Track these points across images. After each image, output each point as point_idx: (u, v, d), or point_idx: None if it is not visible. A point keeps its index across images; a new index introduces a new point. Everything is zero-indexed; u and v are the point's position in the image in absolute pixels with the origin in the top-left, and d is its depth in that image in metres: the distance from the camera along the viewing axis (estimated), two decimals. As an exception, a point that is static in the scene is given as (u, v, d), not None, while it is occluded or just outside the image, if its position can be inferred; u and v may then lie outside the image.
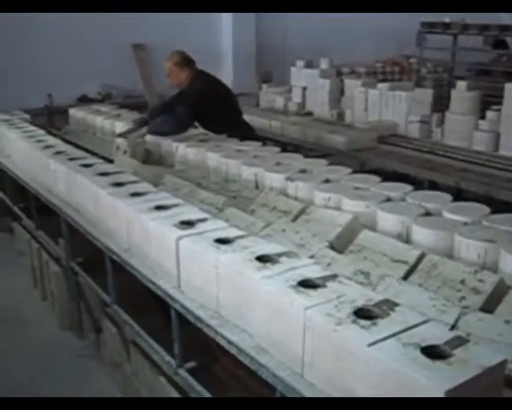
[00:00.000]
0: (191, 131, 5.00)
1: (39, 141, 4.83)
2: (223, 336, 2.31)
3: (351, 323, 1.85)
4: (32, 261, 5.13)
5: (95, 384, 3.92)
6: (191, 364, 2.84)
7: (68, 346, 4.35)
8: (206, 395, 2.64)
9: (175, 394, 2.97)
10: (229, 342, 2.27)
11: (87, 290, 4.22)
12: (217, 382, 2.99)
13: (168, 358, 2.89)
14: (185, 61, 5.24)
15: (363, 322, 1.85)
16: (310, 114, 7.17)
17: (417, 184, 3.56)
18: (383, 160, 5.47)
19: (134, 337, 3.40)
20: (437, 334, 1.82)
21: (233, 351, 2.26)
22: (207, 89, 5.12)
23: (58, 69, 7.88)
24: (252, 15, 9.29)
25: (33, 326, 4.67)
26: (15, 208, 5.49)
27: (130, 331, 3.38)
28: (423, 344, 1.74)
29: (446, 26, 8.69)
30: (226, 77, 9.29)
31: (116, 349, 3.78)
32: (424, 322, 1.89)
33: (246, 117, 6.22)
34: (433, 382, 1.56)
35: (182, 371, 2.80)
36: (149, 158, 4.74)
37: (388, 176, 3.78)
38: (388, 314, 1.91)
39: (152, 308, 3.49)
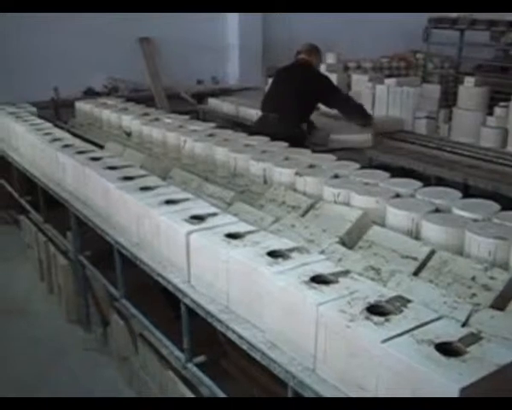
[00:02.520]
0: (199, 125, 5.01)
1: (47, 134, 4.83)
2: (234, 331, 2.31)
3: (364, 319, 1.85)
4: (39, 254, 5.14)
5: (102, 377, 3.93)
6: (200, 358, 2.84)
7: (75, 339, 4.36)
8: (215, 389, 2.64)
9: (183, 388, 2.98)
10: (241, 337, 2.27)
11: (94, 284, 4.23)
12: (225, 376, 3.00)
13: (177, 352, 2.90)
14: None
15: (376, 318, 1.86)
16: (316, 108, 7.13)
17: (424, 180, 3.54)
18: (390, 156, 5.45)
19: (142, 331, 3.41)
20: (450, 331, 1.82)
21: (244, 346, 2.26)
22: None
23: (64, 62, 7.89)
24: (258, 10, 9.29)
25: (40, 319, 4.68)
26: (22, 201, 5.49)
27: (139, 325, 3.39)
28: (437, 341, 1.74)
29: (454, 21, 8.66)
30: (232, 71, 9.33)
31: (124, 343, 3.79)
32: (437, 319, 1.89)
33: (252, 112, 6.24)
34: (449, 379, 1.56)
35: (190, 366, 2.81)
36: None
37: (395, 171, 3.77)
38: (401, 311, 1.91)
39: (159, 303, 3.50)
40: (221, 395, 2.60)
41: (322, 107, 6.25)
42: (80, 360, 4.12)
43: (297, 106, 5.41)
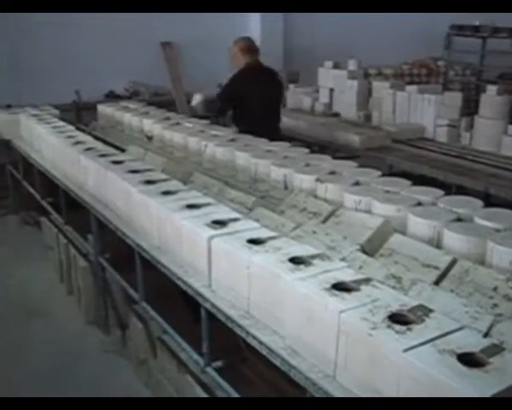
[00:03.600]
0: (220, 130, 5.03)
1: (69, 136, 4.87)
2: (254, 337, 2.31)
3: (386, 328, 1.85)
4: (60, 256, 5.18)
5: (120, 380, 3.95)
6: (219, 363, 2.85)
7: (94, 341, 4.39)
8: (234, 394, 2.65)
9: (201, 392, 2.99)
10: (261, 343, 2.27)
11: (113, 286, 4.26)
12: (244, 381, 3.00)
13: (196, 356, 2.91)
14: (248, 50, 5.59)
15: (398, 327, 1.85)
16: (337, 115, 7.14)
17: (445, 189, 3.53)
18: (411, 163, 5.44)
19: (161, 335, 3.43)
20: (472, 341, 1.81)
21: (264, 352, 2.26)
22: (237, 82, 5.48)
23: (86, 65, 7.96)
24: (279, 15, 9.31)
25: (59, 320, 4.72)
26: (44, 203, 5.53)
27: (158, 328, 3.41)
28: (459, 351, 1.73)
29: (476, 28, 8.62)
30: (253, 76, 9.32)
31: (142, 346, 3.81)
32: (459, 329, 1.88)
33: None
34: (471, 390, 1.55)
35: (209, 370, 2.81)
36: None
37: (416, 179, 3.75)
38: (423, 320, 1.90)
39: (178, 307, 3.52)
40: (240, 400, 2.61)
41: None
42: (98, 362, 4.15)
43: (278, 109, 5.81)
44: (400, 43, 9.72)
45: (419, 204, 3.10)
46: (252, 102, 5.40)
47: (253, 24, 9.29)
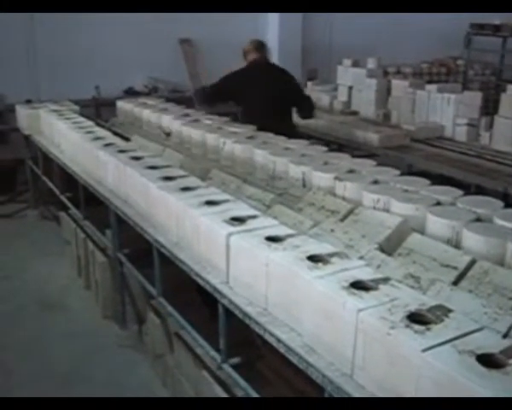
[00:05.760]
0: (238, 127, 5.03)
1: (89, 132, 4.90)
2: (272, 334, 2.31)
3: (404, 327, 1.84)
4: (78, 251, 5.22)
5: (136, 375, 3.97)
6: (235, 359, 2.85)
7: (111, 335, 4.42)
8: (250, 391, 2.65)
9: (218, 388, 3.00)
10: (278, 341, 2.27)
11: (131, 281, 4.28)
12: (261, 378, 3.01)
13: (212, 352, 2.91)
14: (257, 48, 5.68)
15: (416, 327, 1.84)
16: (355, 113, 7.12)
17: (464, 189, 3.51)
18: (430, 162, 5.41)
19: (178, 330, 3.44)
20: (491, 342, 1.80)
21: (281, 349, 2.26)
22: (233, 77, 5.62)
23: (106, 61, 8.01)
24: (298, 14, 9.28)
25: (77, 314, 4.76)
26: (63, 198, 5.57)
27: (175, 324, 3.42)
28: (478, 352, 1.72)
29: (496, 28, 8.56)
30: (271, 74, 9.32)
31: (159, 341, 3.83)
32: (478, 330, 1.87)
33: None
34: (490, 391, 1.54)
35: (226, 367, 2.82)
36: None
37: (434, 179, 3.73)
38: (442, 320, 1.90)
39: (195, 303, 3.53)
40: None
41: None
42: (115, 357, 4.18)
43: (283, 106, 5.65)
44: (420, 41, 9.69)
45: (438, 204, 3.08)
46: (251, 99, 5.43)
47: (271, 23, 9.29)
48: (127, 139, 5.22)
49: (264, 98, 5.38)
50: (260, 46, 5.70)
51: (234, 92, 5.57)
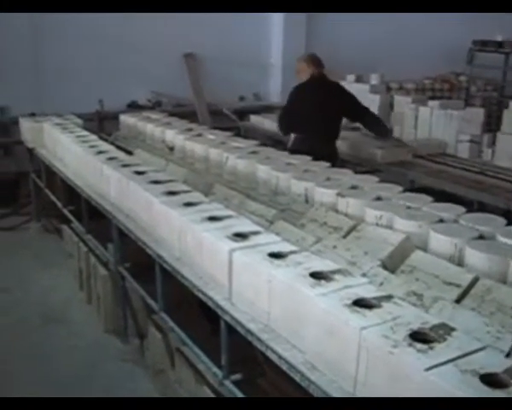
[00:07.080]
0: (241, 142, 5.04)
1: (92, 146, 4.91)
2: (274, 351, 2.31)
3: (407, 346, 1.84)
4: (80, 264, 5.21)
5: (137, 389, 3.95)
6: (237, 376, 2.84)
7: (112, 349, 4.40)
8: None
9: (219, 404, 2.98)
10: (280, 357, 2.27)
11: (133, 296, 4.28)
12: (262, 395, 3.00)
13: (214, 368, 2.90)
14: (310, 62, 5.58)
15: (419, 345, 1.84)
16: (358, 128, 7.12)
17: (466, 205, 3.51)
18: (432, 179, 5.41)
19: (179, 345, 3.43)
20: (495, 362, 1.79)
21: (284, 366, 2.26)
22: (292, 96, 5.54)
23: (109, 75, 8.04)
24: (302, 27, 9.33)
25: (78, 327, 4.74)
26: (65, 211, 5.58)
27: (176, 339, 3.41)
28: (482, 371, 1.71)
29: (499, 44, 8.60)
30: (275, 88, 9.39)
31: (160, 356, 3.82)
32: (481, 349, 1.87)
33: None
34: (494, 412, 1.54)
35: (227, 383, 2.81)
36: None
37: (437, 195, 3.73)
38: (445, 339, 1.89)
39: (196, 318, 3.52)
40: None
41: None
42: (116, 371, 4.16)
43: (335, 124, 5.50)
44: (422, 57, 9.72)
45: (441, 221, 3.08)
46: (304, 113, 5.39)
47: (275, 38, 9.33)
48: (130, 153, 5.24)
49: (318, 113, 5.35)
50: (318, 60, 5.64)
51: (294, 110, 5.49)
